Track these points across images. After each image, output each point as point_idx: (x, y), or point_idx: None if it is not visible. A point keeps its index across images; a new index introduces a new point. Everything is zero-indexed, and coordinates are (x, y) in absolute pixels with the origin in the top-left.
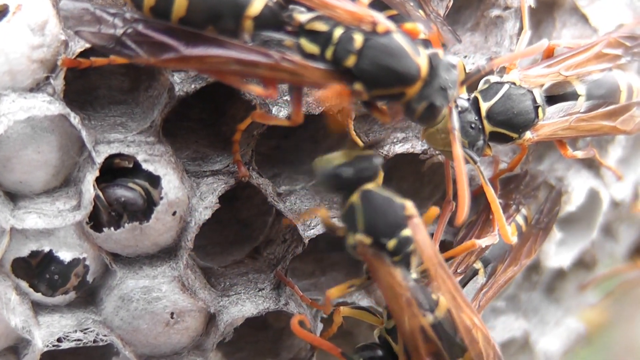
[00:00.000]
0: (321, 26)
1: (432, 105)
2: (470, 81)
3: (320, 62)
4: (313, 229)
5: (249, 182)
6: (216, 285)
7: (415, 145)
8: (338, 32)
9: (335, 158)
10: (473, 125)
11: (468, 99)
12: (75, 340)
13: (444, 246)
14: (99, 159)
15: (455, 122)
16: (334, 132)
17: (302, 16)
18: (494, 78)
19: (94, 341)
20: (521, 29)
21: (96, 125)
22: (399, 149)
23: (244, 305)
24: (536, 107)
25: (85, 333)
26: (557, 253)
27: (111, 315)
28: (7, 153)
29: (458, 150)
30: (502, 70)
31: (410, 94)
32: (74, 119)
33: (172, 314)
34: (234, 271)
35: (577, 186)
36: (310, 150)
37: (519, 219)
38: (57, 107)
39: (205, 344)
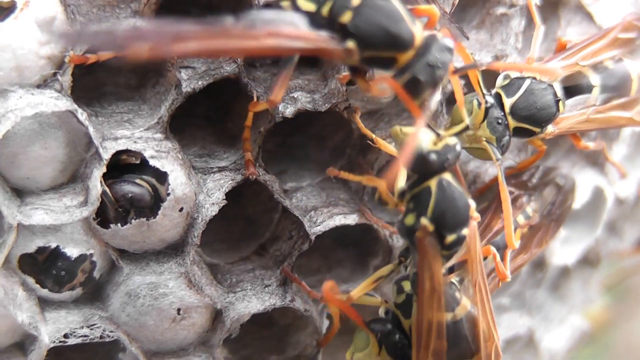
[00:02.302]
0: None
1: (416, 79)
2: (463, 72)
3: (314, 20)
4: (319, 225)
5: (256, 178)
6: (222, 282)
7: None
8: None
9: (424, 141)
10: (500, 121)
11: (490, 95)
12: (81, 336)
13: None
14: (106, 155)
15: (498, 154)
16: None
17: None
18: (514, 73)
19: (101, 337)
20: (528, 25)
21: (103, 122)
22: None
23: (250, 302)
24: (557, 101)
25: (91, 329)
26: (562, 250)
27: (118, 311)
28: (15, 149)
29: (501, 179)
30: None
31: (400, 62)
32: (82, 115)
33: (178, 310)
34: (240, 267)
35: (582, 183)
36: (316, 147)
37: (529, 209)
38: (64, 104)
39: (212, 340)
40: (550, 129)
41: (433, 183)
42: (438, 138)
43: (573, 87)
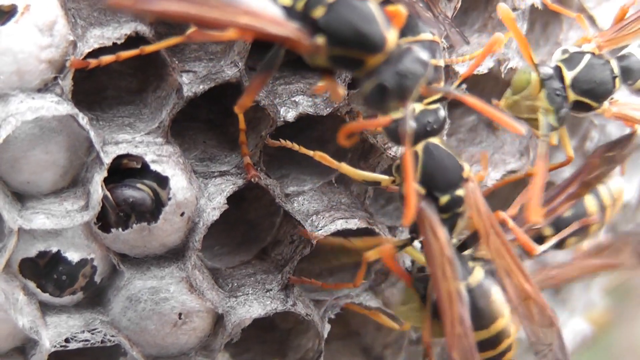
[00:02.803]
0: None
1: (382, 86)
2: (435, 94)
3: (289, 14)
4: (321, 229)
5: (257, 182)
6: (224, 286)
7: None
8: None
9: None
10: (558, 92)
11: (551, 67)
12: (82, 340)
13: None
14: (107, 160)
15: (547, 129)
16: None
17: None
18: (572, 48)
19: (102, 342)
20: (530, 29)
21: (104, 126)
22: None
23: (251, 306)
24: (614, 78)
25: (92, 333)
26: (562, 253)
27: (119, 316)
28: (15, 153)
29: (543, 153)
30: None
31: (368, 65)
32: (82, 119)
33: (179, 314)
34: (241, 272)
35: None
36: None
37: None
38: (65, 108)
39: (213, 344)
40: (607, 105)
41: (419, 147)
42: (417, 106)
43: (622, 68)
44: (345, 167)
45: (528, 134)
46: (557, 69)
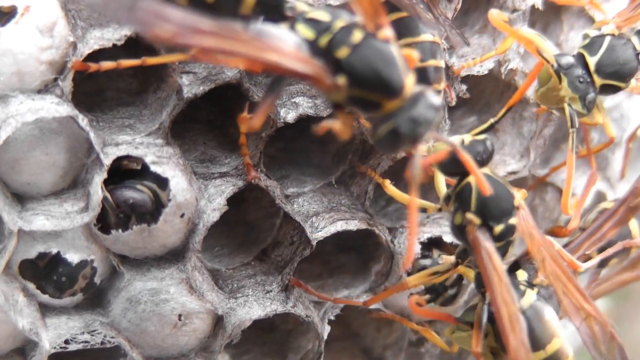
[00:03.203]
0: (323, 16)
1: (397, 131)
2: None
3: (311, 49)
4: (321, 231)
5: (257, 184)
6: (224, 287)
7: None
8: (339, 24)
9: (452, 142)
10: (581, 80)
11: (573, 55)
12: (82, 342)
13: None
14: (107, 161)
15: (575, 121)
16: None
17: (304, 6)
18: (593, 32)
19: (102, 343)
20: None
21: (104, 127)
22: None
23: (251, 308)
24: (637, 55)
25: (92, 335)
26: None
27: (119, 317)
28: (15, 155)
29: (572, 146)
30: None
31: (385, 109)
32: (82, 120)
33: (179, 315)
34: (241, 273)
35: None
36: (318, 152)
37: None
38: (65, 109)
39: (213, 345)
40: (634, 82)
41: (472, 178)
42: (465, 137)
43: None
44: (391, 189)
45: (528, 135)
46: (580, 56)
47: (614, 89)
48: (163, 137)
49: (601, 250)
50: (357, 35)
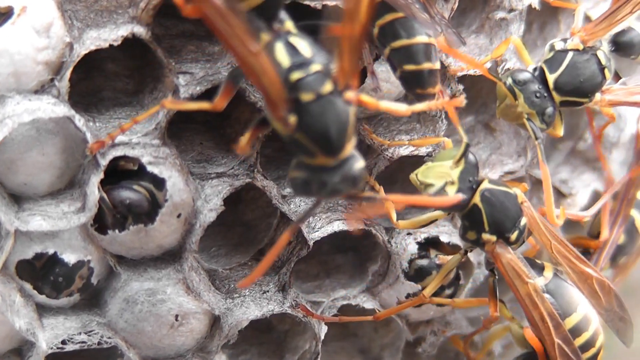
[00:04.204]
0: (305, 49)
1: (310, 184)
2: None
3: (279, 72)
4: (318, 231)
5: (254, 184)
6: (221, 288)
7: (419, 147)
8: (317, 67)
9: (441, 185)
10: (538, 95)
11: (534, 68)
12: (79, 342)
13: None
14: (104, 161)
15: (538, 133)
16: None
17: (291, 27)
18: (558, 45)
19: (99, 343)
20: (527, 30)
21: (101, 127)
22: (404, 151)
23: (248, 308)
24: (602, 69)
25: (89, 335)
26: None
27: (115, 318)
28: (12, 155)
29: (542, 157)
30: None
31: (315, 161)
32: (79, 121)
33: (176, 316)
34: (238, 273)
35: (581, 188)
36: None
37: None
38: (61, 109)
39: (210, 346)
40: (599, 97)
41: (477, 200)
42: (447, 171)
43: (624, 43)
44: (402, 224)
45: (525, 134)
46: (541, 71)
47: (576, 104)
48: (159, 137)
49: (613, 257)
50: (326, 87)
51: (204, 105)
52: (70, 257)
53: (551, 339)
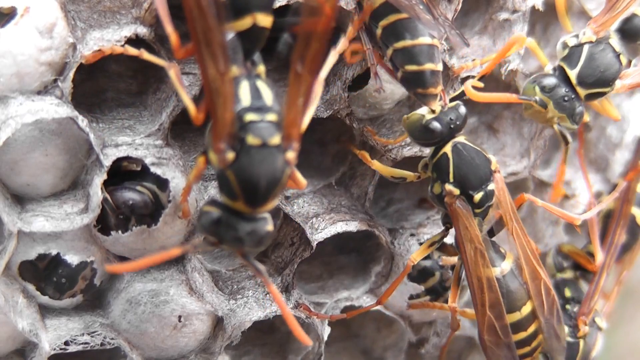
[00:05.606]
0: (267, 95)
1: (219, 224)
2: None
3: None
4: (321, 232)
5: None
6: (224, 289)
7: (423, 148)
8: (272, 117)
9: (423, 113)
10: (566, 98)
11: (554, 69)
12: (82, 343)
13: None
14: (107, 162)
15: (568, 137)
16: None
17: (262, 71)
18: (571, 41)
19: (101, 344)
20: (531, 30)
21: (104, 128)
22: (407, 152)
23: (251, 309)
24: (618, 56)
25: (92, 336)
26: None
27: (118, 319)
28: (15, 156)
29: (564, 160)
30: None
31: (235, 205)
32: (82, 121)
33: (179, 317)
34: (241, 274)
35: (584, 189)
36: (318, 154)
37: None
38: (65, 110)
39: (213, 347)
40: (619, 83)
41: (448, 149)
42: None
43: (630, 30)
44: (377, 164)
45: (528, 136)
46: (561, 70)
47: (600, 95)
48: (163, 138)
49: (618, 257)
50: (275, 139)
51: (192, 109)
52: (73, 258)
53: (483, 310)
